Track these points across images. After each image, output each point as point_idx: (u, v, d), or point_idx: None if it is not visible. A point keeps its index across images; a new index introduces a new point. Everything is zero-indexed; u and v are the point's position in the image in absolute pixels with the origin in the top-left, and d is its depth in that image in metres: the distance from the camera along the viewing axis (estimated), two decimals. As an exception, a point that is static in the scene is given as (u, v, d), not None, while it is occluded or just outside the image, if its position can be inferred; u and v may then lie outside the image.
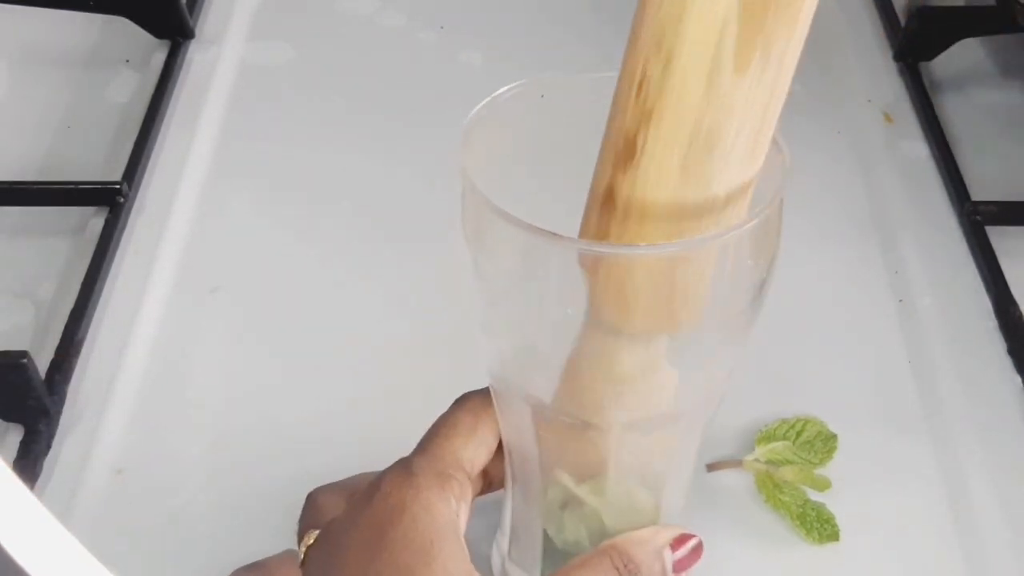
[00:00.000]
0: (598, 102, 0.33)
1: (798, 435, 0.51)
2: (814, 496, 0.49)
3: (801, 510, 0.48)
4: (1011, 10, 0.66)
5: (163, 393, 0.54)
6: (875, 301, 0.58)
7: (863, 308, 0.58)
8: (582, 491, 0.40)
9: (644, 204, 0.32)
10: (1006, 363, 0.55)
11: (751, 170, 0.33)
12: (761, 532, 0.48)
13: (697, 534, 0.40)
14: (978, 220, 0.61)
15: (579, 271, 0.34)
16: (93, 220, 0.61)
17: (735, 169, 0.32)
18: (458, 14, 0.76)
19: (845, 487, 0.49)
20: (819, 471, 0.50)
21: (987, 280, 0.58)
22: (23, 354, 0.50)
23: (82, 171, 0.65)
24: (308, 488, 0.43)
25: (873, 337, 0.57)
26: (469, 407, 0.40)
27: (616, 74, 0.32)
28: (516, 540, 0.44)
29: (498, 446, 0.41)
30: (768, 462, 0.50)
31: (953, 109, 0.70)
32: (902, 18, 0.74)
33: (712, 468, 0.50)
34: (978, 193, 0.63)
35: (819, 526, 0.48)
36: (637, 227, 0.33)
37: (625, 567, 0.38)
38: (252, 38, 0.74)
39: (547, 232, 0.32)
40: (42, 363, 0.53)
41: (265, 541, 0.44)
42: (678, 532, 0.40)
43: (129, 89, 0.71)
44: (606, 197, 0.33)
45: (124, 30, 0.73)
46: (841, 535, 0.48)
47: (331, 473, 0.43)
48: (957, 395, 0.54)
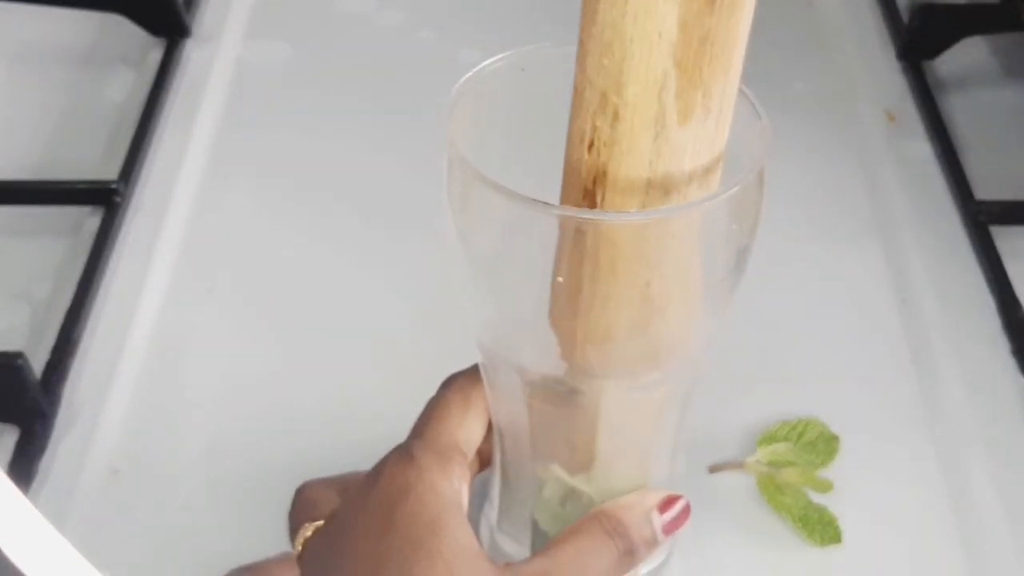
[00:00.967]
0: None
1: (800, 436, 0.50)
2: (816, 498, 0.49)
3: (803, 512, 0.48)
4: (1015, 8, 0.66)
5: (159, 393, 0.53)
6: (878, 301, 0.58)
7: (866, 308, 0.58)
8: (577, 481, 0.40)
9: (612, 242, 0.33)
10: (1010, 364, 0.55)
11: (707, 190, 0.34)
12: (763, 534, 0.48)
13: (684, 495, 0.41)
14: (982, 220, 0.61)
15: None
16: (89, 220, 0.61)
17: (692, 197, 0.33)
18: (456, 13, 0.76)
19: (848, 489, 0.49)
20: (821, 473, 0.50)
21: (991, 280, 0.58)
22: (19, 354, 0.50)
23: (78, 170, 0.65)
24: (305, 488, 0.43)
25: (876, 337, 0.56)
26: (458, 387, 0.41)
27: None
28: (505, 512, 0.44)
29: (488, 427, 0.41)
30: (770, 464, 0.49)
31: (956, 108, 0.69)
32: (905, 16, 0.73)
33: (714, 470, 0.50)
34: (982, 192, 0.62)
35: (821, 528, 0.48)
36: (608, 257, 0.33)
37: (615, 531, 0.39)
38: (249, 37, 0.74)
39: (531, 199, 0.32)
40: (38, 363, 0.52)
41: (262, 541, 0.43)
42: (665, 495, 0.40)
43: (125, 88, 0.71)
44: (576, 238, 0.34)
45: (120, 28, 0.73)
46: (843, 537, 0.47)
47: (329, 471, 0.43)
48: (960, 396, 0.53)
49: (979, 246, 0.60)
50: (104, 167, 0.65)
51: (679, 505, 0.40)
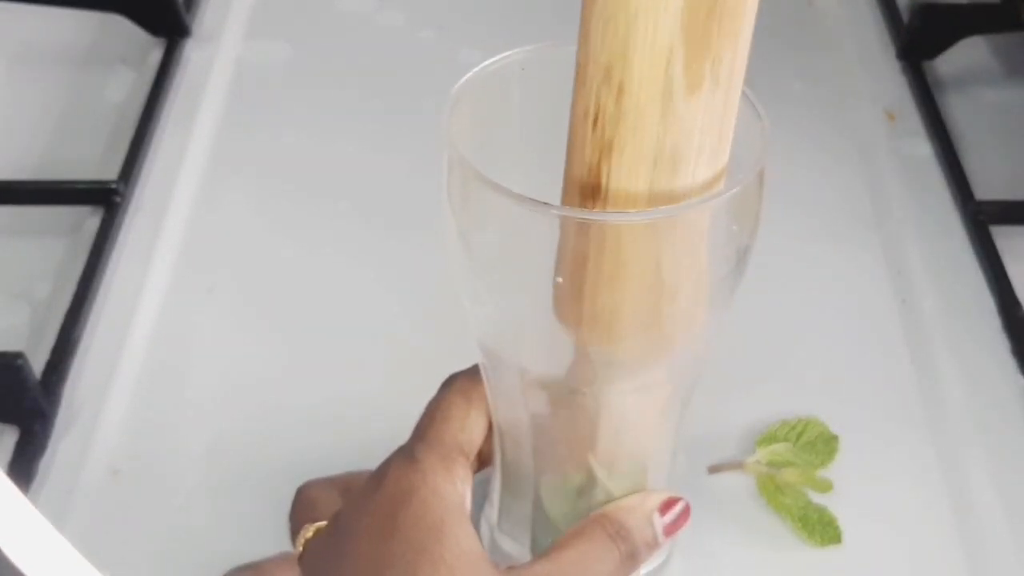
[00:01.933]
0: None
1: (799, 436, 0.50)
2: (816, 498, 0.48)
3: (803, 512, 0.48)
4: (1015, 8, 0.66)
5: (160, 393, 0.53)
6: (877, 301, 0.58)
7: (865, 308, 0.58)
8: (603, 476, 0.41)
9: (616, 242, 0.33)
10: (1010, 364, 0.55)
11: (714, 174, 0.33)
12: (763, 535, 0.48)
13: (684, 497, 0.41)
14: (982, 220, 0.61)
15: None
16: (89, 220, 0.61)
17: (701, 179, 0.33)
18: (457, 13, 0.76)
19: (847, 489, 0.49)
20: (821, 473, 0.50)
21: (991, 280, 0.58)
22: (18, 355, 0.50)
23: (78, 170, 0.65)
24: (305, 488, 0.43)
25: (875, 337, 0.56)
26: (458, 388, 0.40)
27: None
28: (505, 512, 0.44)
29: (488, 428, 0.41)
30: (769, 464, 0.49)
31: (956, 108, 0.69)
32: (905, 16, 0.73)
33: (713, 470, 0.50)
34: (982, 192, 0.62)
35: (821, 529, 0.47)
36: (615, 233, 0.33)
37: (618, 533, 0.39)
38: (249, 36, 0.74)
39: (532, 200, 0.32)
40: (38, 363, 0.52)
41: (262, 541, 0.43)
42: (665, 496, 0.41)
43: (125, 88, 0.71)
44: (579, 230, 0.33)
45: (120, 28, 0.73)
46: (843, 537, 0.47)
47: (329, 471, 0.43)
48: (960, 396, 0.53)
49: (979, 246, 0.60)
50: (104, 167, 0.64)
51: (679, 507, 0.40)
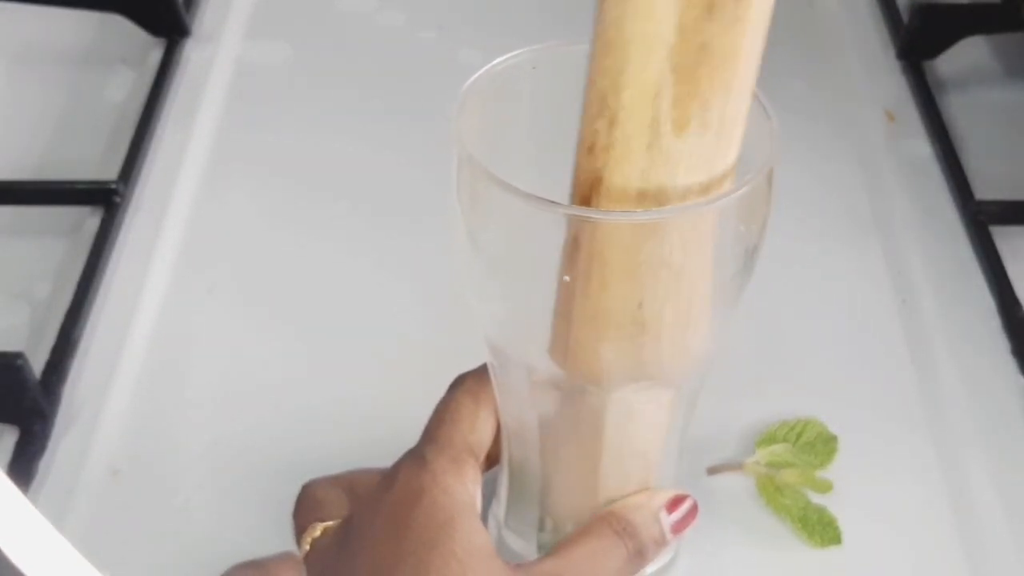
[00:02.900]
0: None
1: (798, 437, 0.50)
2: (816, 499, 0.48)
3: (802, 513, 0.48)
4: (1016, 8, 0.66)
5: (160, 393, 0.53)
6: (877, 301, 0.58)
7: (865, 308, 0.58)
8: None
9: (603, 260, 0.33)
10: (1010, 364, 0.55)
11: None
12: (763, 536, 0.48)
13: (691, 495, 0.41)
14: (982, 220, 0.61)
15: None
16: (89, 220, 0.61)
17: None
18: (457, 13, 0.76)
19: (847, 489, 0.49)
20: (820, 473, 0.49)
21: (991, 280, 0.58)
22: (18, 355, 0.50)
23: (78, 170, 0.65)
24: (306, 488, 0.42)
25: (875, 338, 0.56)
26: (467, 389, 0.41)
27: None
28: (512, 510, 0.44)
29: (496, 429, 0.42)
30: (769, 465, 0.49)
31: (956, 108, 0.69)
32: (904, 16, 0.73)
33: (713, 471, 0.50)
34: (982, 192, 0.62)
35: (821, 529, 0.47)
36: (599, 275, 0.33)
37: (625, 531, 0.39)
38: (249, 36, 0.74)
39: (539, 198, 0.32)
40: (37, 363, 0.52)
41: (264, 541, 0.43)
42: (672, 494, 0.41)
43: (125, 88, 0.71)
44: (573, 245, 0.34)
45: (120, 28, 0.73)
46: (843, 538, 0.47)
47: (331, 471, 0.43)
48: (960, 396, 0.53)
49: (979, 246, 0.60)
50: (104, 167, 0.64)
51: (687, 504, 0.41)
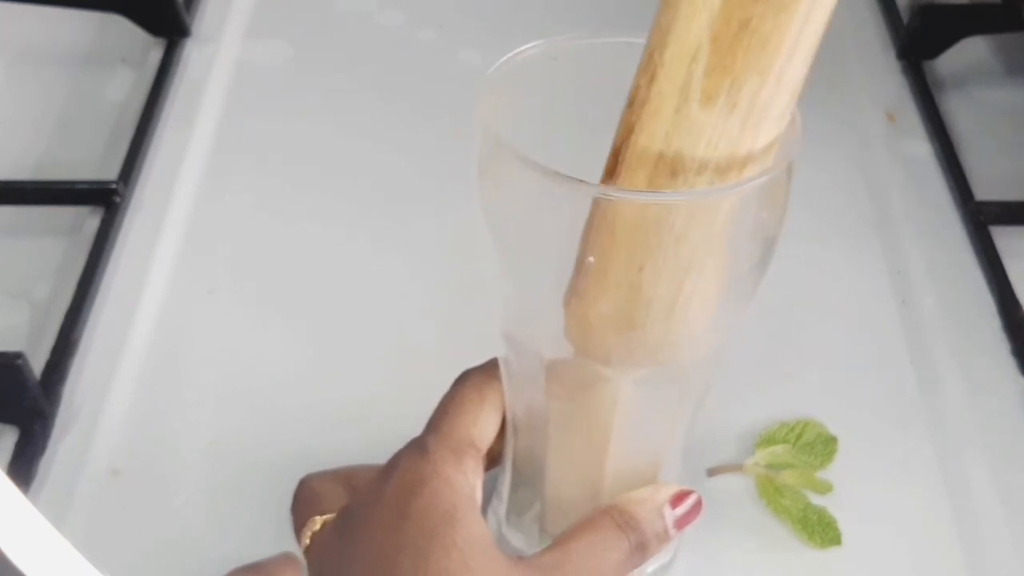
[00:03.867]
0: (614, 65, 0.34)
1: (798, 438, 0.50)
2: (816, 500, 0.48)
3: (802, 514, 0.48)
4: (1016, 8, 0.66)
5: (160, 393, 0.53)
6: (877, 302, 0.58)
7: (865, 309, 0.58)
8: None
9: (612, 226, 0.33)
10: (1010, 364, 0.55)
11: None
12: (763, 537, 0.48)
13: (696, 490, 0.41)
14: (982, 220, 0.61)
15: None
16: (89, 220, 0.61)
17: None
18: (457, 13, 0.76)
19: (847, 490, 0.49)
20: (820, 474, 0.49)
21: (991, 281, 0.58)
22: (18, 355, 0.49)
23: (78, 170, 0.65)
24: (305, 488, 0.42)
25: (875, 338, 0.56)
26: (472, 383, 0.41)
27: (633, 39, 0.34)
28: (513, 506, 0.44)
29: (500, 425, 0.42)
30: (768, 466, 0.49)
31: (956, 108, 0.69)
32: (905, 16, 0.73)
33: (712, 473, 0.50)
34: (982, 193, 0.62)
35: (821, 530, 0.47)
36: (608, 239, 0.33)
37: (627, 524, 0.39)
38: (249, 36, 0.74)
39: (562, 175, 0.32)
40: (37, 364, 0.52)
41: (263, 541, 0.43)
42: (677, 489, 0.41)
43: (125, 88, 0.71)
44: (590, 220, 0.34)
45: (120, 28, 0.73)
46: (843, 539, 0.47)
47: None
48: (961, 397, 0.53)
49: (979, 246, 0.60)
50: (104, 167, 0.64)
51: (691, 500, 0.41)
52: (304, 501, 0.42)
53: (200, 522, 0.48)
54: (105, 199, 0.61)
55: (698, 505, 0.41)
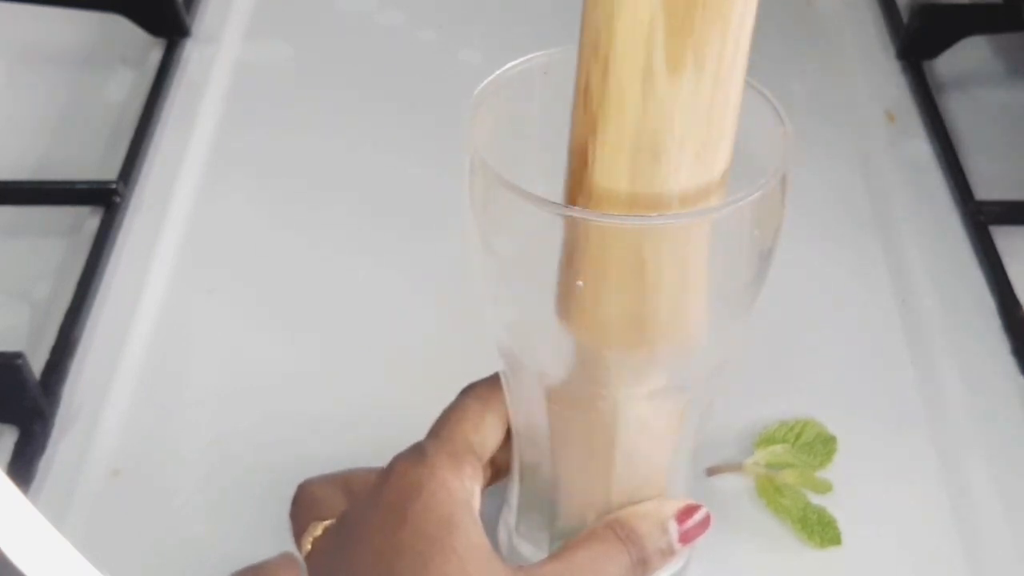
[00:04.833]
0: None
1: (797, 437, 0.50)
2: (815, 499, 0.48)
3: (802, 514, 0.48)
4: (1017, 8, 0.66)
5: (160, 394, 0.53)
6: (877, 302, 0.58)
7: (865, 309, 0.58)
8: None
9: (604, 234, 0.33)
10: (1010, 364, 0.55)
11: (707, 177, 0.32)
12: (762, 536, 0.48)
13: (704, 505, 0.40)
14: (982, 220, 0.61)
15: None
16: (89, 220, 0.61)
17: (685, 178, 0.32)
18: (457, 13, 0.76)
19: (847, 490, 0.49)
20: (820, 474, 0.49)
21: (991, 280, 0.58)
22: (18, 355, 0.50)
23: (78, 170, 0.65)
24: (306, 489, 0.42)
25: (875, 338, 0.56)
26: (476, 394, 0.41)
27: None
28: (523, 516, 0.44)
29: (505, 436, 0.42)
30: (768, 466, 0.49)
31: (956, 108, 0.69)
32: (905, 16, 0.73)
33: (712, 472, 0.50)
34: (982, 192, 0.62)
35: (820, 530, 0.47)
36: (617, 250, 0.33)
37: (628, 538, 0.39)
38: (249, 36, 0.74)
39: (550, 201, 0.32)
40: (37, 364, 0.52)
41: (263, 542, 0.43)
42: (683, 504, 0.40)
43: (125, 88, 0.71)
44: (569, 204, 0.34)
45: (120, 28, 0.73)
46: (843, 539, 0.47)
47: (330, 472, 0.43)
48: (961, 396, 0.53)
49: (979, 246, 0.60)
50: (104, 167, 0.64)
51: (699, 515, 0.40)
52: (304, 506, 0.42)
53: (200, 522, 0.48)
54: (105, 199, 0.61)
55: (706, 520, 0.40)
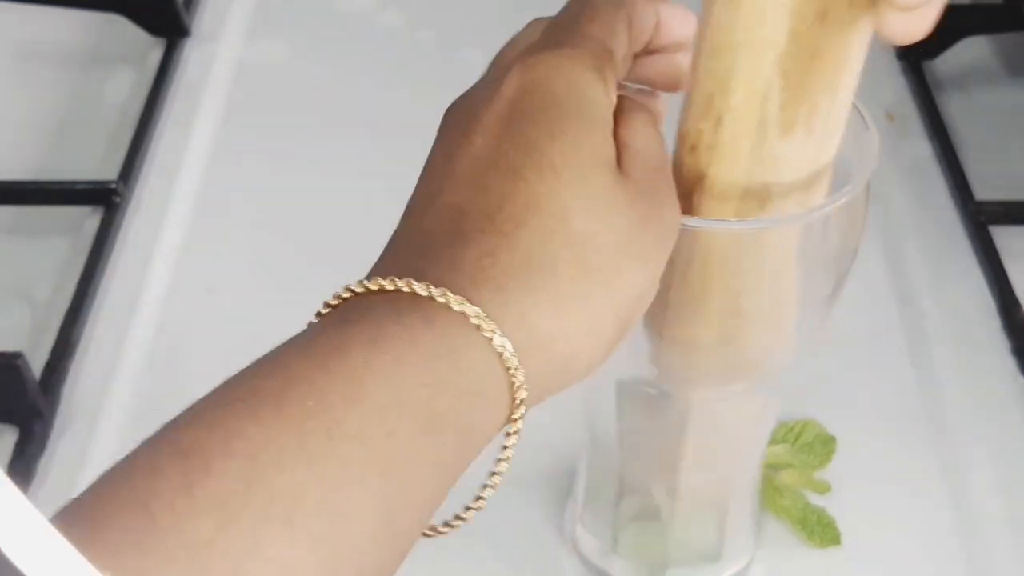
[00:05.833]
0: None
1: (797, 438, 0.50)
2: (815, 499, 0.48)
3: (802, 514, 0.48)
4: (1017, 8, 0.66)
5: (159, 394, 0.53)
6: (877, 301, 0.58)
7: (865, 308, 0.58)
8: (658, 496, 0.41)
9: (706, 257, 0.33)
10: (1010, 363, 0.55)
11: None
12: (763, 536, 0.48)
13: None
14: (981, 220, 0.61)
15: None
16: (89, 220, 0.61)
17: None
18: (457, 13, 0.76)
19: (847, 490, 0.49)
20: (819, 474, 0.49)
21: (991, 280, 0.58)
22: (17, 355, 0.50)
23: (78, 170, 0.65)
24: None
25: (875, 338, 0.56)
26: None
27: None
28: (589, 508, 0.45)
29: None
30: (768, 466, 0.49)
31: (956, 108, 0.69)
32: (904, 16, 0.73)
33: (713, 471, 0.50)
34: (982, 193, 0.62)
35: (820, 530, 0.47)
36: (700, 276, 0.33)
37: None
38: (249, 37, 0.74)
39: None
40: (37, 364, 0.52)
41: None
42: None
43: (125, 88, 0.71)
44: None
45: (120, 28, 0.73)
46: (842, 538, 0.47)
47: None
48: (960, 396, 0.53)
49: (979, 246, 0.60)
50: (104, 167, 0.64)
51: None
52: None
53: (200, 522, 0.48)
54: (105, 199, 0.61)
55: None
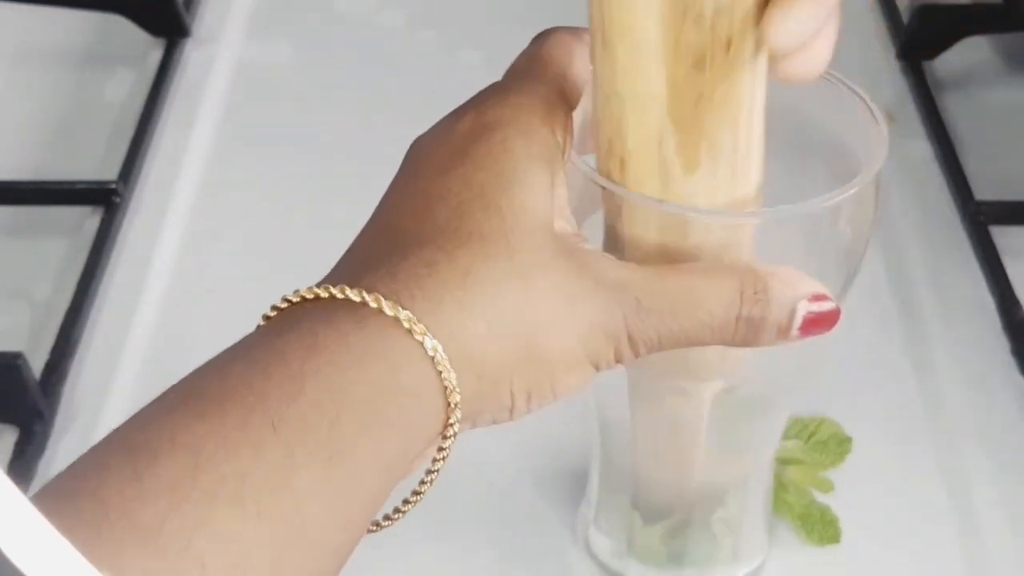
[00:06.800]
0: None
1: (811, 435, 0.50)
2: (820, 498, 0.48)
3: (804, 511, 0.48)
4: (1017, 8, 0.66)
5: (159, 394, 0.53)
6: (877, 302, 0.58)
7: (865, 309, 0.58)
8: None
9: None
10: (1010, 363, 0.55)
11: (736, 237, 0.33)
12: (774, 534, 0.48)
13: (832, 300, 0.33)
14: (982, 220, 0.61)
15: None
16: (89, 220, 0.61)
17: (716, 248, 0.33)
18: (457, 13, 0.76)
19: (847, 489, 0.49)
20: (827, 473, 0.49)
21: (990, 280, 0.58)
22: (17, 355, 0.50)
23: (78, 171, 0.65)
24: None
25: (875, 338, 0.56)
26: (557, 39, 0.34)
27: None
28: (602, 509, 0.45)
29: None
30: (778, 461, 0.49)
31: (956, 108, 0.69)
32: (905, 16, 0.73)
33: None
34: (981, 193, 0.62)
35: (820, 528, 0.47)
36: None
37: (755, 295, 0.31)
38: (249, 37, 0.74)
39: (635, 195, 0.32)
40: (37, 364, 0.52)
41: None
42: (819, 287, 0.32)
43: (125, 88, 0.71)
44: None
45: (120, 28, 0.73)
46: (843, 537, 0.47)
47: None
48: (960, 396, 0.53)
49: (979, 246, 0.60)
50: (104, 167, 0.64)
51: (829, 305, 0.33)
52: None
53: (200, 522, 0.48)
54: (105, 199, 0.61)
55: (834, 315, 0.33)
